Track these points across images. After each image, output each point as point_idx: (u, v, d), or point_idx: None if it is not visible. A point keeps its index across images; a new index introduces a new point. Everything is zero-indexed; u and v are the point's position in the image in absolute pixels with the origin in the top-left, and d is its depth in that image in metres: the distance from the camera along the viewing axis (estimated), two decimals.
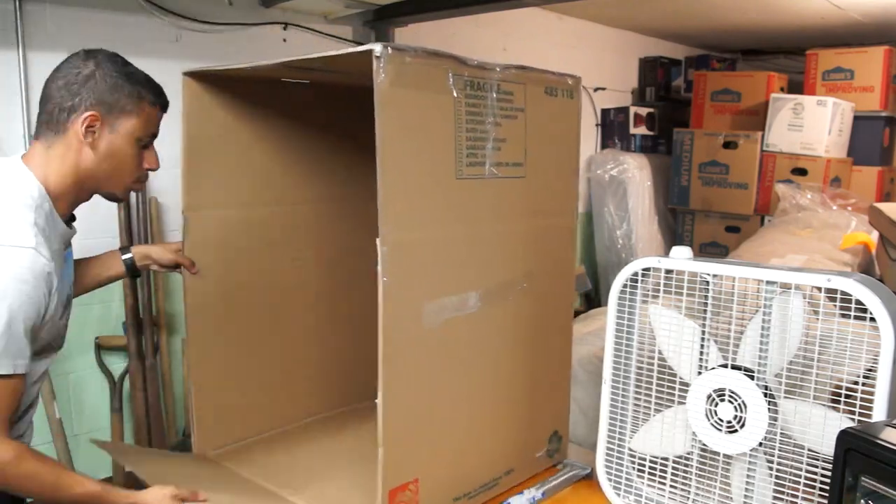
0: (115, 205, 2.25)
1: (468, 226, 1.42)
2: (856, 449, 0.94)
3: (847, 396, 1.14)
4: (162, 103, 1.35)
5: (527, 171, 1.52)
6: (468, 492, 1.50)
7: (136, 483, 1.43)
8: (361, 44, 2.89)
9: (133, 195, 2.30)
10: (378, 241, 1.21)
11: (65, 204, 1.31)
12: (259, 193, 1.79)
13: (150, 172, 1.39)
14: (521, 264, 1.54)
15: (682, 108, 4.34)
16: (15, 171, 1.26)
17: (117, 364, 2.45)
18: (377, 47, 1.18)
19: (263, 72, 1.63)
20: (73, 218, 1.37)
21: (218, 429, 1.76)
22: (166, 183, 2.30)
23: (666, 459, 1.37)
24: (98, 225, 2.22)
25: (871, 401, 1.12)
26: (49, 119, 1.26)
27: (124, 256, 1.59)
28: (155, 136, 1.36)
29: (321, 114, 1.90)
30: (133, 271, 1.60)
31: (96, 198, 1.36)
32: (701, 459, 1.33)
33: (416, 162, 1.29)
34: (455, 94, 1.34)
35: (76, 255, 2.00)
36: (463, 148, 1.37)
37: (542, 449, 1.68)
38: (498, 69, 1.44)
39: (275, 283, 1.85)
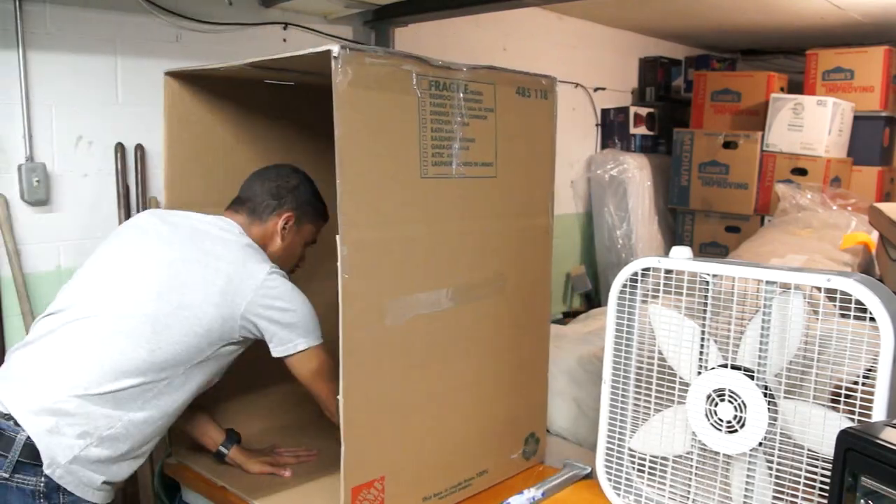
0: (115, 205, 2.25)
1: (434, 224, 1.42)
2: (856, 449, 0.94)
3: (847, 396, 1.14)
4: (326, 220, 1.72)
5: (498, 171, 1.53)
6: (439, 492, 1.49)
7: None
8: (361, 43, 2.90)
9: (133, 195, 2.31)
10: (338, 238, 1.23)
11: None
12: (236, 193, 1.79)
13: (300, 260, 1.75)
14: (493, 264, 1.55)
15: (682, 108, 4.34)
16: (227, 224, 1.58)
17: None
18: (335, 48, 1.20)
19: (235, 72, 1.64)
20: None
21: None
22: None
23: (666, 459, 1.37)
24: (98, 225, 2.23)
25: (870, 401, 1.12)
26: (254, 208, 1.61)
27: (221, 449, 1.69)
28: (315, 242, 1.73)
29: (303, 115, 1.91)
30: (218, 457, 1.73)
31: (96, 197, 1.37)
32: (701, 459, 1.33)
33: (377, 161, 1.30)
34: (419, 95, 1.35)
35: (78, 247, 2.04)
36: (428, 147, 1.38)
37: (518, 451, 1.67)
38: (465, 69, 1.44)
39: None
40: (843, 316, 1.15)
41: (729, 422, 1.26)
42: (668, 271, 1.34)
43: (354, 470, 1.31)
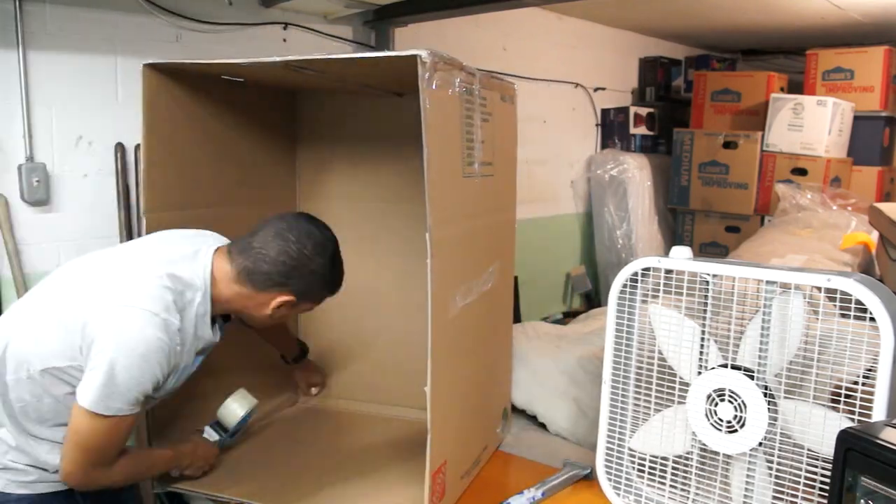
0: (115, 205, 2.25)
1: (468, 221, 1.53)
2: (856, 449, 0.94)
3: (847, 396, 1.14)
4: (334, 293, 1.51)
5: (494, 171, 1.63)
6: (467, 470, 1.60)
7: None
8: (363, 44, 2.90)
9: (133, 195, 2.31)
10: (427, 235, 1.28)
11: (218, 312, 1.44)
12: (206, 194, 1.81)
13: None
14: (492, 256, 1.67)
15: (682, 108, 4.34)
16: (200, 257, 1.40)
17: None
18: (423, 52, 1.25)
19: (266, 69, 1.61)
20: (226, 319, 1.51)
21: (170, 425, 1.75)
22: None
23: (666, 459, 1.37)
24: (98, 225, 2.23)
25: (870, 401, 1.12)
26: (254, 271, 1.38)
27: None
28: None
29: (260, 113, 1.94)
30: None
31: (96, 197, 1.37)
32: (701, 459, 1.33)
33: (444, 162, 1.37)
34: (459, 98, 1.42)
35: (78, 247, 1.95)
36: (463, 148, 1.45)
37: (499, 425, 1.82)
38: (477, 76, 1.51)
39: None
40: (843, 316, 1.15)
41: (729, 422, 1.26)
42: (668, 271, 1.34)
43: (435, 455, 1.39)
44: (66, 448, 1.30)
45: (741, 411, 1.25)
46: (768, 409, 1.22)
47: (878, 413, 1.12)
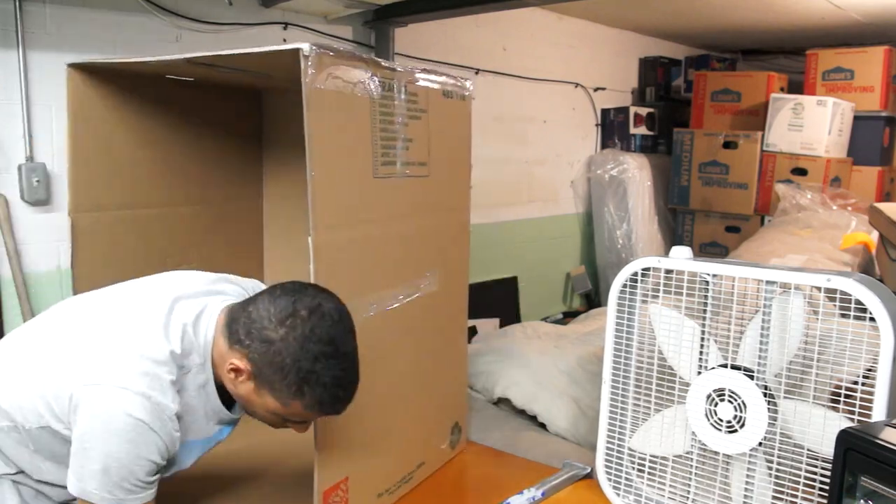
0: None
1: (383, 224, 1.44)
2: (856, 449, 0.94)
3: (847, 396, 1.14)
4: (324, 412, 1.17)
5: (430, 171, 1.56)
6: (389, 487, 1.53)
7: None
8: (363, 44, 2.90)
9: None
10: (309, 238, 1.21)
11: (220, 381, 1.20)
12: (147, 194, 1.76)
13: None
14: (427, 261, 1.58)
15: (682, 108, 4.34)
16: (205, 317, 1.18)
17: None
18: (305, 46, 1.18)
19: (160, 67, 1.58)
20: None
21: None
22: None
23: (666, 459, 1.37)
24: None
25: (870, 401, 1.12)
26: (235, 320, 1.16)
27: None
28: (307, 422, 1.22)
29: (209, 113, 1.89)
30: None
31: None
32: (701, 459, 1.33)
33: (340, 161, 1.30)
34: (373, 94, 1.36)
35: None
36: (378, 147, 1.38)
37: (445, 441, 1.73)
38: (404, 70, 1.46)
39: None
40: (843, 316, 1.15)
41: (729, 422, 1.26)
42: (668, 271, 1.34)
43: (325, 472, 1.33)
44: None
45: (741, 411, 1.25)
46: (768, 409, 1.22)
47: (878, 413, 1.12)
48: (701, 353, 1.31)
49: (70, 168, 1.59)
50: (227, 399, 1.22)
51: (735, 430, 1.25)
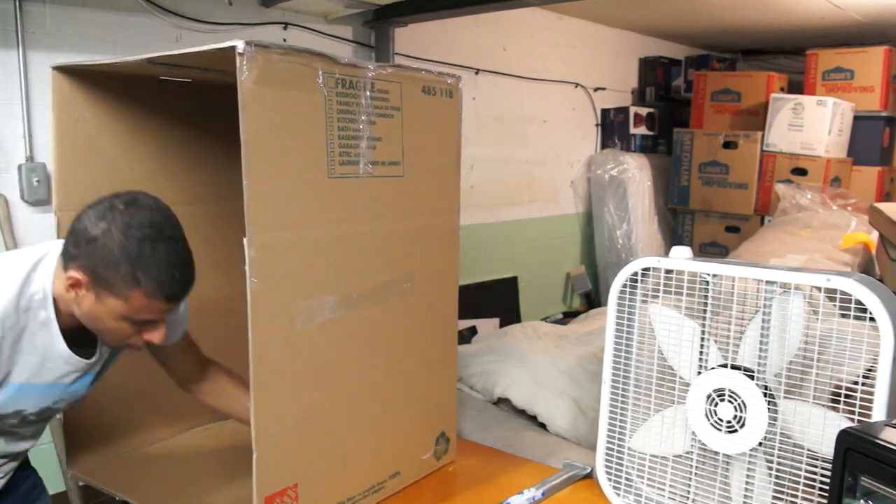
0: None
1: (343, 225, 1.39)
2: (856, 449, 0.94)
3: (847, 396, 1.14)
4: (166, 296, 1.17)
5: (405, 170, 1.51)
6: (352, 496, 1.48)
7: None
8: (363, 44, 2.90)
9: None
10: (245, 242, 1.19)
11: (71, 323, 1.22)
12: (159, 194, 1.74)
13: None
14: (401, 264, 1.53)
15: (682, 108, 4.34)
16: (42, 260, 1.22)
17: None
18: (240, 44, 1.17)
19: (134, 68, 1.58)
20: (88, 343, 1.27)
21: (94, 447, 1.72)
22: None
23: (666, 459, 1.37)
24: None
25: (870, 401, 1.12)
26: (65, 248, 1.19)
27: None
28: (156, 320, 1.22)
29: (200, 113, 1.87)
30: None
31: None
32: (701, 459, 1.33)
33: (284, 161, 1.27)
34: (325, 93, 1.32)
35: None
36: (335, 146, 1.35)
37: (428, 451, 1.67)
38: (371, 68, 1.42)
39: None
40: (843, 316, 1.15)
41: (729, 422, 1.26)
42: (668, 271, 1.34)
43: (267, 478, 1.29)
44: None
45: (741, 411, 1.25)
46: (768, 409, 1.22)
47: (878, 413, 1.12)
48: (701, 353, 1.31)
49: (56, 169, 1.60)
50: (80, 344, 1.24)
51: (735, 430, 1.25)
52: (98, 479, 1.66)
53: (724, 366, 1.28)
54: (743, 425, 1.24)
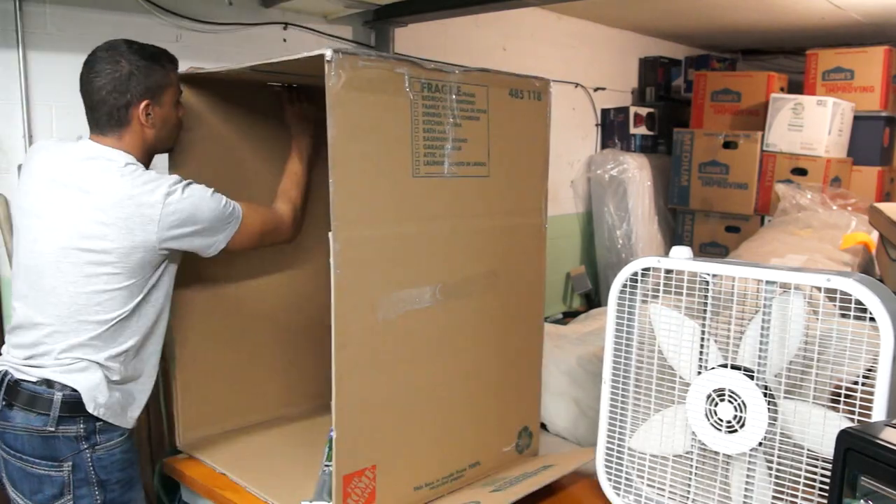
0: None
1: (426, 223, 1.46)
2: (855, 449, 0.94)
3: (847, 396, 1.14)
4: (175, 64, 1.60)
5: (490, 171, 1.56)
6: (430, 482, 1.53)
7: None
8: (363, 44, 2.90)
9: None
10: (330, 235, 1.27)
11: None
12: (241, 194, 1.79)
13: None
14: (484, 262, 1.58)
15: (682, 108, 4.34)
16: (112, 150, 1.52)
17: None
18: (328, 51, 1.24)
19: (235, 75, 1.66)
20: None
21: (199, 423, 1.84)
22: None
23: (665, 459, 1.37)
24: None
25: (870, 401, 1.12)
26: (111, 117, 1.51)
27: None
28: (181, 91, 1.63)
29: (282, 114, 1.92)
30: None
31: None
32: (700, 459, 1.33)
33: (369, 161, 1.34)
34: (411, 97, 1.38)
35: None
36: (420, 148, 1.41)
37: (510, 444, 1.70)
38: (457, 72, 1.48)
39: (254, 285, 1.91)
40: (843, 316, 1.15)
41: (729, 422, 1.26)
42: (668, 271, 1.34)
43: (346, 458, 1.35)
44: (275, 216, 1.68)
45: (741, 411, 1.25)
46: (768, 409, 1.22)
47: (878, 413, 1.12)
48: (701, 353, 1.31)
49: (171, 171, 1.70)
50: None
51: (735, 430, 1.25)
52: (202, 454, 1.77)
53: (724, 366, 1.28)
54: (743, 425, 1.24)
